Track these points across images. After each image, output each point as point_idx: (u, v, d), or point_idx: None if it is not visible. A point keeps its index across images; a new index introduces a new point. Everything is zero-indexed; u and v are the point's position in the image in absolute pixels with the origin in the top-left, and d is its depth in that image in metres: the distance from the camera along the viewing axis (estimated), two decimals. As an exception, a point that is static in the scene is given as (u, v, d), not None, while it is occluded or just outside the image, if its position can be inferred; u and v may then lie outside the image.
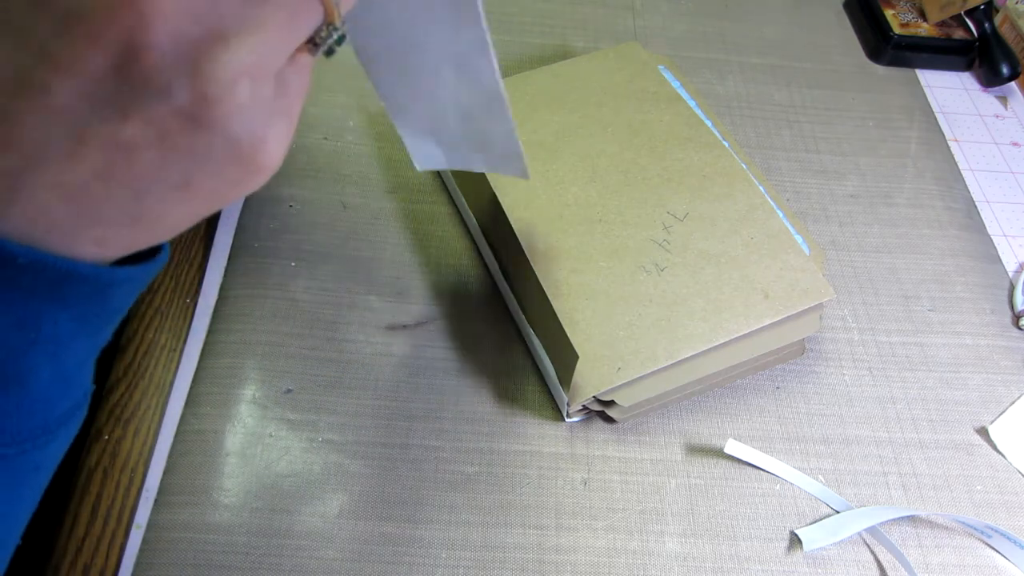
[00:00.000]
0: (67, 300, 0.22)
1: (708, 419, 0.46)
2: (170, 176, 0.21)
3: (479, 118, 0.34)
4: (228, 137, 0.21)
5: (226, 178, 0.22)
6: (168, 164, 0.21)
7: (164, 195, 0.22)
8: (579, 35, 0.67)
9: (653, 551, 0.41)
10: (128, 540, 0.39)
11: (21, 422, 0.23)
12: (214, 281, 0.48)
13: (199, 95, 0.20)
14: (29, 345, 0.22)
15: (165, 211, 0.22)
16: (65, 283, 0.22)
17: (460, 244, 0.52)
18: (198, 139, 0.21)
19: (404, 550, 0.40)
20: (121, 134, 0.20)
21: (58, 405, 0.24)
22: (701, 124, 0.52)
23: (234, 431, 0.43)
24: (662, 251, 0.46)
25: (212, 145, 0.21)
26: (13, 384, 0.22)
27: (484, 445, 0.44)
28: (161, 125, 0.20)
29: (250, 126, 0.21)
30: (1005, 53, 0.67)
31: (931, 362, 0.50)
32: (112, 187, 0.21)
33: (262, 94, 0.21)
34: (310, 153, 0.55)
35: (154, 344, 0.45)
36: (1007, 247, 0.57)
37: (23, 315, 0.21)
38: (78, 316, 0.23)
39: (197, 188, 0.22)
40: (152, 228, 0.23)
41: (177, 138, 0.20)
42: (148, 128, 0.20)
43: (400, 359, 0.46)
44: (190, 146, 0.21)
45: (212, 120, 0.20)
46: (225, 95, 0.20)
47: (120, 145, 0.20)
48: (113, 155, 0.20)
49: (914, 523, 0.44)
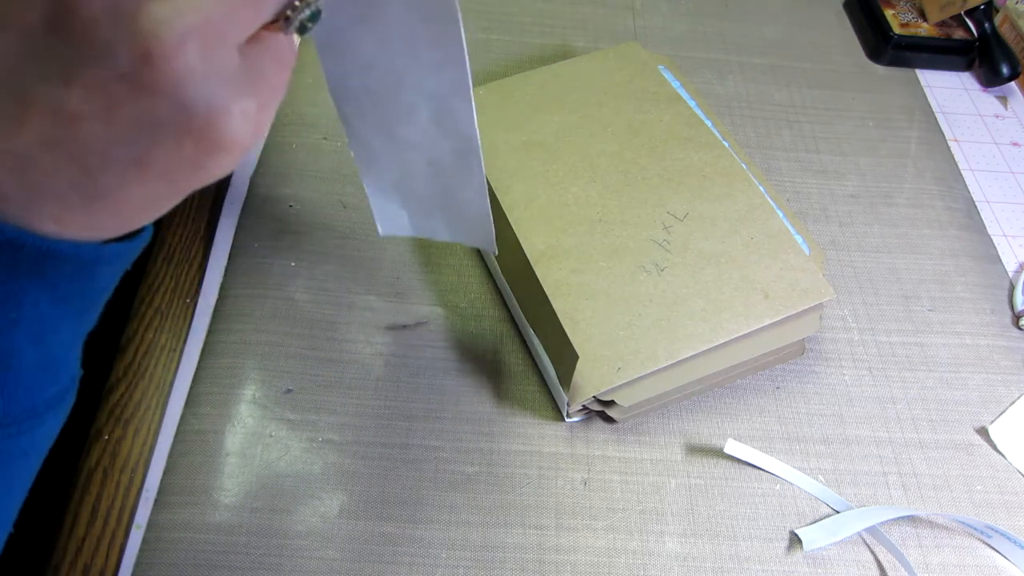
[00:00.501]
0: (48, 279, 0.22)
1: (708, 419, 0.46)
2: (120, 149, 0.20)
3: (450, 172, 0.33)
4: (178, 103, 0.20)
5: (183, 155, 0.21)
6: (116, 135, 0.20)
7: (117, 171, 0.21)
8: (579, 35, 0.67)
9: (653, 551, 0.41)
10: (128, 540, 0.39)
11: (7, 406, 0.22)
12: (214, 281, 0.48)
13: (141, 54, 0.19)
14: (11, 326, 0.21)
15: (121, 190, 0.21)
16: (46, 261, 0.21)
17: (460, 244, 0.52)
18: (145, 105, 0.20)
19: (404, 550, 0.40)
20: (65, 101, 0.19)
21: (45, 389, 0.24)
22: (701, 124, 0.52)
23: (234, 431, 0.43)
24: (662, 251, 0.46)
25: (160, 113, 0.20)
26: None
27: (484, 445, 0.44)
28: (106, 92, 0.19)
29: (204, 94, 0.20)
30: (1005, 53, 0.67)
31: (931, 362, 0.50)
32: (60, 159, 0.20)
33: (220, 62, 0.20)
34: (310, 153, 0.55)
35: (154, 344, 0.45)
36: (1007, 247, 0.57)
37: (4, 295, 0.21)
38: (61, 297, 0.22)
39: (152, 165, 0.21)
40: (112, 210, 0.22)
41: (124, 107, 0.20)
42: (92, 95, 0.19)
43: (400, 359, 0.46)
44: (138, 115, 0.20)
45: (157, 83, 0.19)
46: (171, 55, 0.19)
47: (65, 113, 0.19)
48: (59, 124, 0.20)
49: (914, 523, 0.44)
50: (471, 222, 0.35)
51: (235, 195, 0.52)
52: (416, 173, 0.34)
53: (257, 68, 0.22)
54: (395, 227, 0.38)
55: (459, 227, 0.36)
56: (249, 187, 0.53)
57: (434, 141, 0.32)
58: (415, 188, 0.35)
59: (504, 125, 0.51)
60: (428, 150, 0.32)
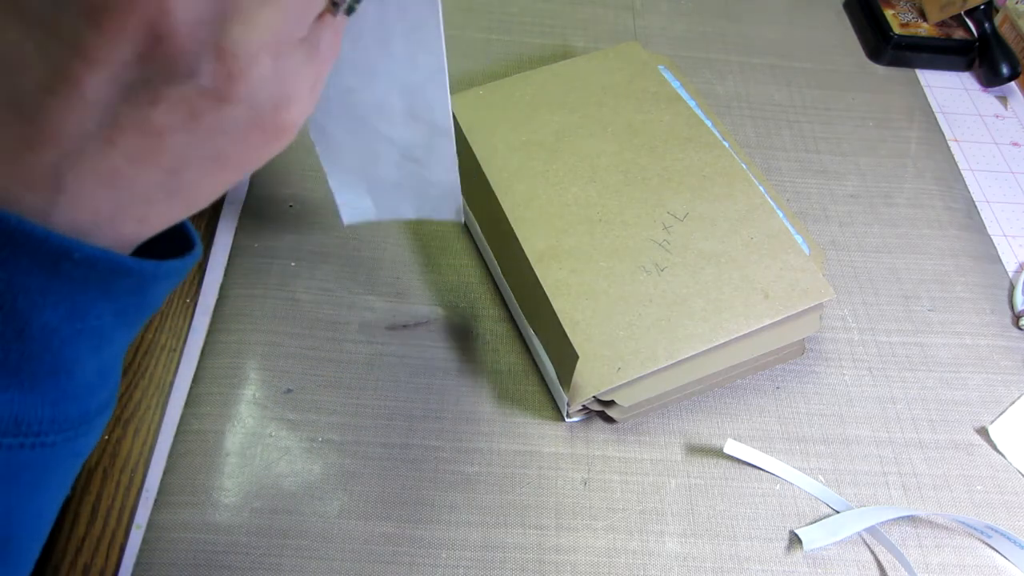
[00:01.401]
0: (112, 293, 0.23)
1: (708, 419, 0.46)
2: (201, 151, 0.22)
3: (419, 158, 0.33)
4: (252, 107, 0.22)
5: (252, 144, 0.23)
6: (198, 141, 0.22)
7: (196, 168, 0.23)
8: (579, 35, 0.67)
9: (653, 551, 0.41)
10: (128, 540, 0.39)
11: (68, 410, 0.23)
12: (214, 281, 0.48)
13: (224, 73, 0.21)
14: (76, 335, 0.23)
15: (199, 183, 0.23)
16: (112, 277, 0.22)
17: (460, 244, 0.52)
18: (224, 114, 0.22)
19: (404, 550, 0.40)
20: (152, 118, 0.21)
21: (98, 395, 0.25)
22: (701, 124, 0.52)
23: (234, 431, 0.43)
24: (662, 251, 0.46)
25: (238, 118, 0.22)
26: (62, 373, 0.23)
27: (484, 445, 0.44)
28: (189, 106, 0.21)
29: (273, 95, 0.22)
30: (1005, 53, 0.67)
31: (931, 362, 0.50)
32: (148, 169, 0.22)
33: (286, 62, 0.22)
34: (310, 153, 0.55)
35: (154, 344, 0.45)
36: (1007, 247, 0.57)
37: (72, 307, 0.22)
38: (120, 310, 0.24)
39: (227, 159, 0.23)
40: (188, 200, 0.24)
41: (205, 116, 0.21)
42: (177, 110, 0.21)
43: (400, 359, 0.46)
44: (217, 122, 0.22)
45: (237, 95, 0.21)
46: (248, 69, 0.21)
47: (151, 129, 0.21)
48: (145, 139, 0.21)
49: (914, 523, 0.44)
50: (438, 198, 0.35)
51: (235, 195, 0.52)
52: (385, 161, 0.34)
53: (314, 47, 0.24)
54: (359, 215, 0.37)
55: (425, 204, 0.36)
56: (249, 187, 0.53)
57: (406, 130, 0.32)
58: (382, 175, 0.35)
59: (504, 125, 0.51)
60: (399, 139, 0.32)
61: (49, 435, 0.23)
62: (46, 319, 0.22)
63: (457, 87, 0.33)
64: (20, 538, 0.24)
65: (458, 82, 0.33)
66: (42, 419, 0.22)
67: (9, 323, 0.21)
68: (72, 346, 0.23)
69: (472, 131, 0.50)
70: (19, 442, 0.22)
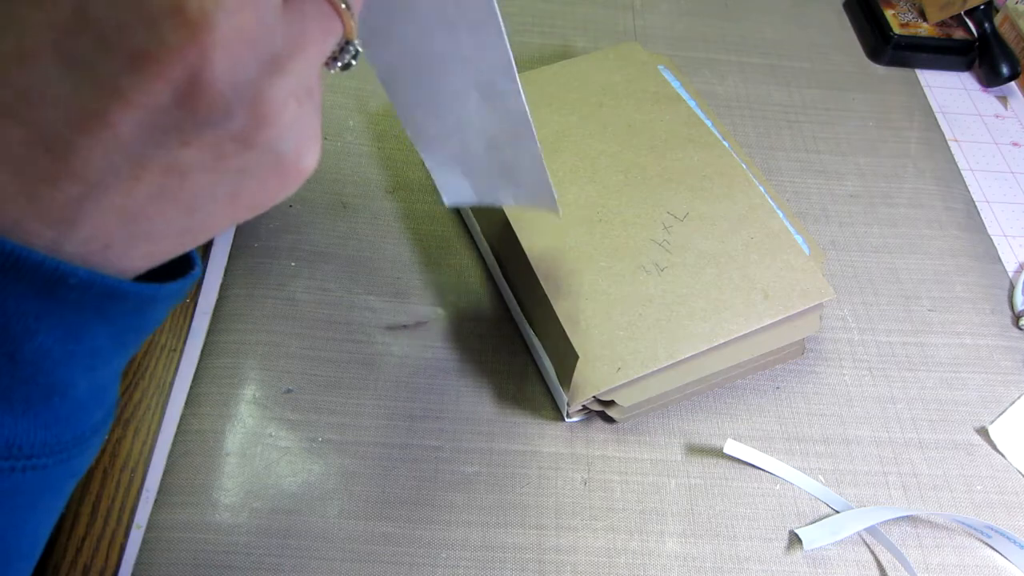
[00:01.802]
0: (109, 316, 0.23)
1: (708, 419, 0.46)
2: (220, 191, 0.22)
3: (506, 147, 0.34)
4: (275, 153, 0.22)
5: (269, 188, 0.24)
6: (219, 182, 0.22)
7: (213, 208, 0.23)
8: (579, 35, 0.67)
9: (653, 551, 0.41)
10: (128, 540, 0.39)
11: (61, 433, 0.23)
12: (214, 281, 0.48)
13: (255, 120, 0.21)
14: (68, 357, 0.22)
15: (212, 221, 0.23)
16: (109, 300, 0.22)
17: (460, 244, 0.52)
18: (248, 158, 0.22)
19: (404, 550, 0.40)
20: (179, 159, 0.21)
21: (93, 415, 0.25)
22: (701, 124, 0.52)
23: (234, 431, 0.43)
24: (662, 251, 0.46)
25: (260, 162, 0.22)
26: (55, 396, 0.23)
27: (484, 445, 0.44)
28: (217, 149, 0.21)
29: (295, 140, 0.23)
30: (1005, 53, 0.67)
31: (931, 362, 0.50)
32: (166, 206, 0.22)
33: (307, 110, 0.23)
34: (310, 153, 0.55)
35: (154, 344, 0.45)
36: (1007, 247, 0.57)
37: (67, 330, 0.22)
38: (117, 331, 0.24)
39: (243, 199, 0.23)
40: (196, 236, 0.24)
41: (230, 159, 0.22)
42: (204, 152, 0.21)
43: (400, 359, 0.46)
44: (241, 164, 0.22)
45: (263, 141, 0.22)
46: (279, 116, 0.21)
47: (176, 169, 0.21)
48: (169, 179, 0.21)
49: (914, 523, 0.44)
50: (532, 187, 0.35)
51: (235, 195, 0.52)
52: (473, 149, 0.34)
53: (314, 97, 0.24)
54: (459, 197, 0.38)
55: (521, 193, 0.36)
56: (249, 187, 0.53)
57: (486, 120, 0.32)
58: (474, 162, 0.35)
59: (504, 125, 0.51)
60: (482, 129, 0.33)
61: (42, 458, 0.23)
62: (40, 342, 0.21)
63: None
64: (14, 559, 0.24)
65: (458, 82, 0.33)
66: (35, 442, 0.22)
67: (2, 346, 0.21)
68: (66, 368, 0.22)
69: (472, 131, 0.50)
70: (10, 465, 0.22)
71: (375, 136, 0.57)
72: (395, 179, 0.55)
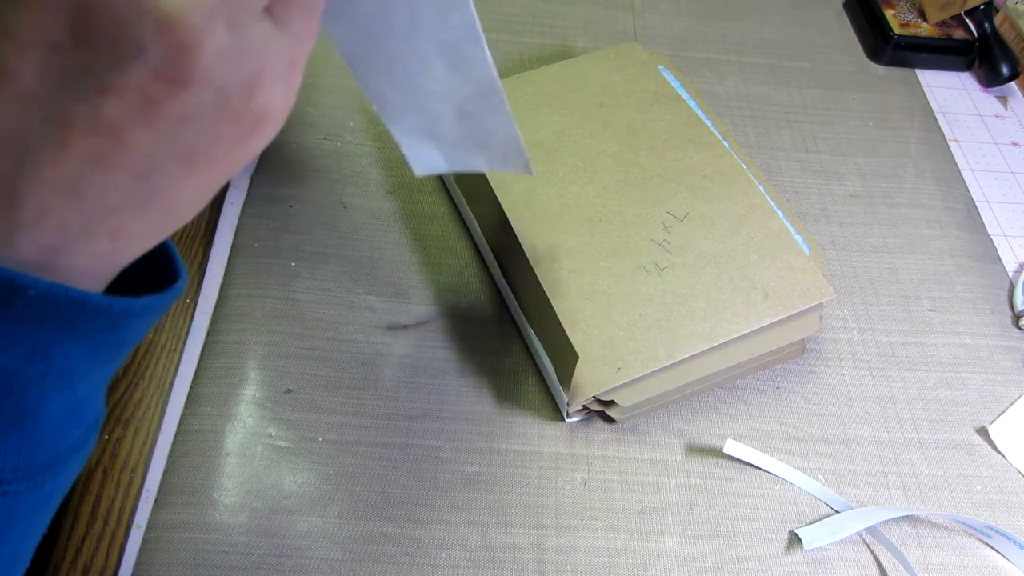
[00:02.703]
0: (79, 332, 0.21)
1: (708, 419, 0.46)
2: (168, 149, 0.20)
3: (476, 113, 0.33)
4: (216, 90, 0.19)
5: (226, 138, 0.21)
6: (161, 136, 0.20)
7: (166, 170, 0.20)
8: (579, 35, 0.67)
9: (653, 551, 0.41)
10: (128, 540, 0.39)
11: (33, 456, 0.22)
12: (214, 281, 0.48)
13: (172, 46, 0.18)
14: (39, 378, 0.21)
15: (173, 187, 0.21)
16: (76, 315, 0.20)
17: (460, 244, 0.52)
18: (184, 100, 0.19)
19: (404, 550, 0.40)
20: (103, 112, 0.19)
21: (69, 435, 0.23)
22: (701, 124, 0.52)
23: (234, 431, 0.43)
24: (662, 251, 0.46)
25: (201, 104, 0.19)
26: (25, 419, 0.21)
27: (484, 445, 0.44)
28: (141, 93, 0.19)
29: (239, 74, 0.20)
30: (1005, 53, 0.67)
31: (931, 362, 0.50)
32: (111, 172, 0.20)
33: (249, 34, 0.20)
34: (310, 153, 0.55)
35: (154, 344, 0.45)
36: (1007, 247, 0.57)
37: (33, 347, 0.20)
38: (92, 348, 0.22)
39: (201, 155, 0.21)
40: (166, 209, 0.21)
41: (163, 105, 0.19)
42: (129, 100, 0.19)
43: (400, 359, 0.46)
44: (178, 110, 0.19)
45: (193, 75, 0.19)
46: (200, 41, 0.18)
47: (106, 126, 0.19)
48: (101, 138, 0.19)
49: (914, 523, 0.44)
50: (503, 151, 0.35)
51: (235, 195, 0.52)
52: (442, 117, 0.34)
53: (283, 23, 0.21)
54: (430, 166, 0.37)
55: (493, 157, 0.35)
56: (249, 187, 0.53)
57: (454, 88, 0.31)
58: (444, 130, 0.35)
59: (504, 125, 0.51)
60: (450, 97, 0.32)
61: (12, 483, 0.21)
62: (4, 362, 0.20)
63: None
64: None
65: (458, 82, 0.33)
66: (3, 467, 0.21)
67: None
68: (37, 388, 0.21)
69: (472, 131, 0.50)
70: None
71: (375, 136, 0.57)
72: (395, 179, 0.55)
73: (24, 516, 0.23)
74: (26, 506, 0.22)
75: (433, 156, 0.36)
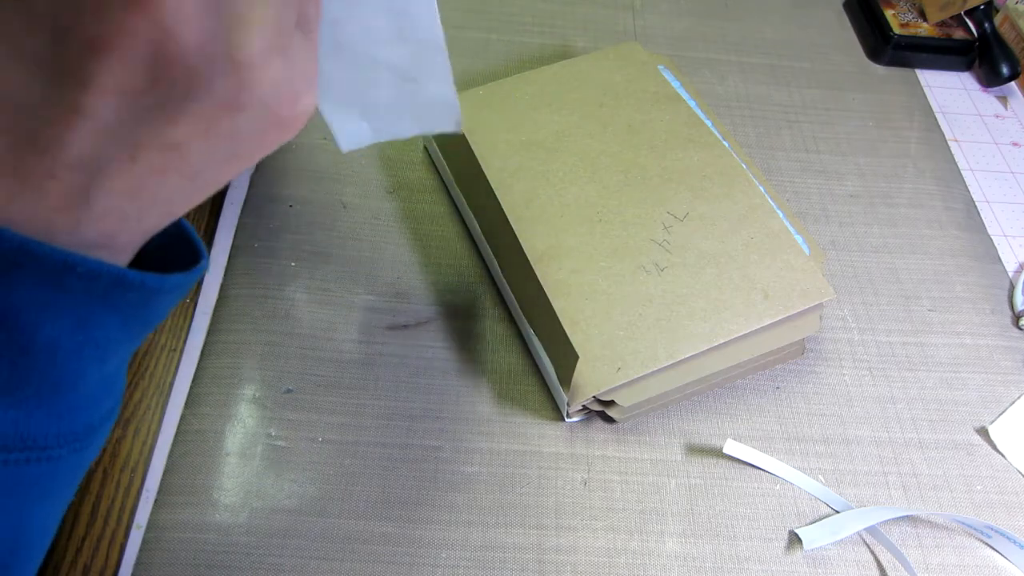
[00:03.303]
0: (116, 306, 0.23)
1: (708, 419, 0.46)
2: (220, 154, 0.23)
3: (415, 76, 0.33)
4: (267, 108, 0.22)
5: (267, 138, 0.24)
6: (215, 146, 0.22)
7: (214, 169, 0.23)
8: (579, 35, 0.67)
9: (653, 551, 0.41)
10: (128, 540, 0.39)
11: (73, 423, 0.23)
12: (214, 281, 0.48)
13: (237, 84, 0.21)
14: (80, 348, 0.23)
15: (217, 178, 0.24)
16: (117, 290, 0.22)
17: (460, 244, 0.52)
18: (241, 119, 0.22)
19: (404, 550, 0.40)
20: (171, 135, 0.21)
21: (103, 404, 0.25)
22: (701, 124, 0.52)
23: (234, 431, 0.43)
24: (662, 251, 0.46)
25: (254, 120, 0.22)
26: (67, 387, 0.23)
27: (484, 445, 0.44)
28: (207, 119, 0.21)
29: (284, 92, 0.22)
30: (1005, 53, 0.67)
31: (931, 362, 0.50)
32: (169, 176, 0.22)
33: (292, 57, 0.22)
34: (310, 153, 0.55)
35: (154, 344, 0.45)
36: (1007, 247, 0.57)
37: (77, 320, 0.22)
38: (124, 321, 0.24)
39: (242, 155, 0.24)
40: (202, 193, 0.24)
41: (222, 125, 0.22)
42: (195, 125, 0.21)
43: (400, 359, 0.46)
44: (235, 126, 0.22)
45: (252, 101, 0.22)
46: (262, 76, 0.21)
47: (172, 144, 0.21)
48: (166, 153, 0.21)
49: (914, 523, 0.44)
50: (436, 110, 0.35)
51: (235, 195, 0.52)
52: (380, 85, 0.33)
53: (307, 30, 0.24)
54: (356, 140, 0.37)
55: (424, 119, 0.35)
56: (249, 187, 0.53)
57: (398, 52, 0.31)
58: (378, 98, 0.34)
59: (504, 125, 0.51)
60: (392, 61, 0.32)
61: (55, 449, 0.23)
62: (50, 333, 0.22)
63: (457, 87, 0.33)
64: (26, 548, 0.24)
65: (458, 82, 0.33)
66: (47, 433, 0.23)
67: (12, 339, 0.21)
68: (77, 359, 0.23)
69: (472, 131, 0.50)
70: (25, 457, 0.22)
71: (375, 136, 0.57)
72: (395, 179, 0.55)
73: (61, 481, 0.25)
74: (64, 471, 0.24)
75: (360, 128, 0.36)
